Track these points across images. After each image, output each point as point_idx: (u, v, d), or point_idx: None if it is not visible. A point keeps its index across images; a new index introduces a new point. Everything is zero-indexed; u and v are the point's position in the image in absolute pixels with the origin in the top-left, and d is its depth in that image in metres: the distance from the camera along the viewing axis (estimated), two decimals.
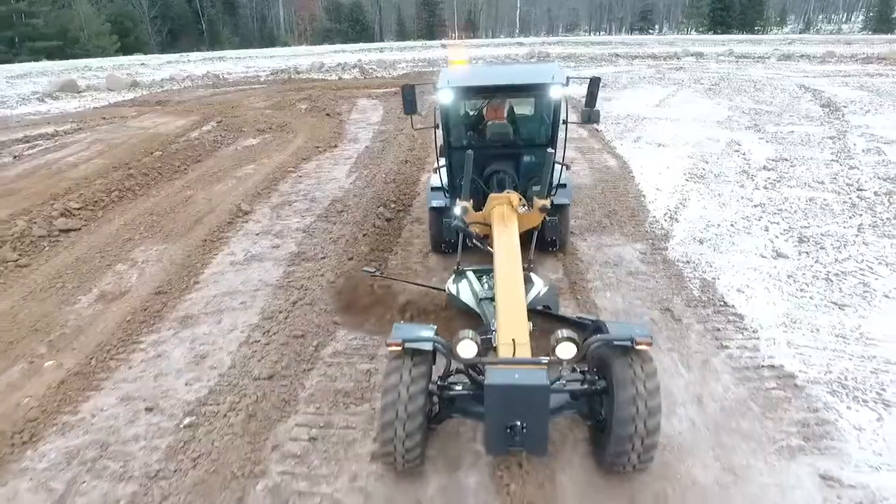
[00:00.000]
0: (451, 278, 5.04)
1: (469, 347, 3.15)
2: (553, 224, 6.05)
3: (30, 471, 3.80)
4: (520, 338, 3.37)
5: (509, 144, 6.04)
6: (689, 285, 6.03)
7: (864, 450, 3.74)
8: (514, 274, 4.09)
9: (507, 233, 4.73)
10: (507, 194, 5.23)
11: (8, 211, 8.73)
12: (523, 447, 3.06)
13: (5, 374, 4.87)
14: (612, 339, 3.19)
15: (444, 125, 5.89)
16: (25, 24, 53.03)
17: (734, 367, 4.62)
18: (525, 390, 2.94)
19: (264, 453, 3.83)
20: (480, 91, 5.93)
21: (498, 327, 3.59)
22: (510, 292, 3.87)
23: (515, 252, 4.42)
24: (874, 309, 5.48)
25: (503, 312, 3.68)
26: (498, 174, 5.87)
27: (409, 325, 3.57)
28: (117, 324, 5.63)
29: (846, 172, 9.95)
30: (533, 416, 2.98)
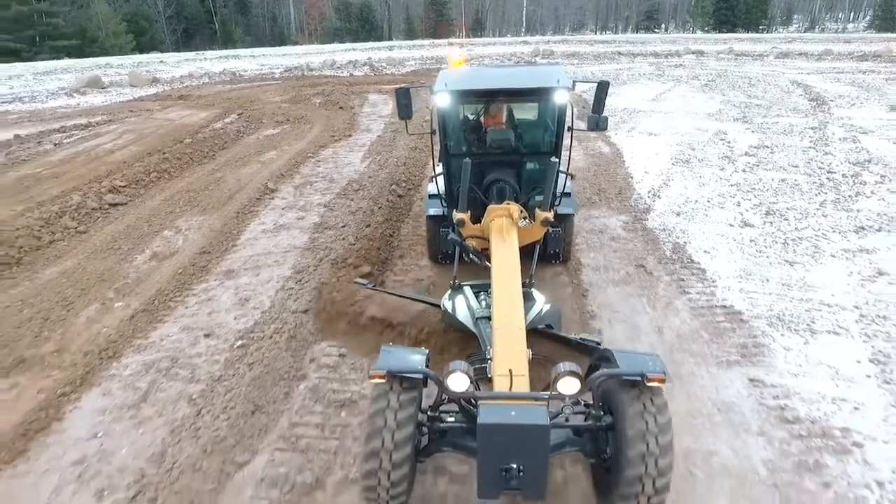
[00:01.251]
0: (447, 293, 4.64)
1: (460, 381, 2.85)
2: (556, 235, 5.69)
3: (117, 376, 4.73)
4: (517, 369, 3.06)
5: (510, 152, 5.60)
6: (663, 247, 6.88)
7: (788, 363, 4.59)
8: (513, 295, 3.74)
9: (505, 248, 4.34)
10: (507, 206, 4.82)
11: (60, 189, 9.72)
12: (519, 490, 2.75)
13: (84, 311, 5.81)
14: (620, 374, 2.86)
15: (442, 130, 5.46)
16: (46, 23, 54.36)
17: (692, 307, 5.48)
18: (522, 430, 2.64)
19: (304, 363, 4.74)
20: (480, 95, 5.49)
21: (494, 356, 3.26)
22: (508, 317, 3.52)
23: (514, 270, 4.05)
24: (819, 265, 6.31)
25: (500, 340, 3.35)
26: (498, 184, 5.40)
27: (399, 348, 3.25)
28: (171, 275, 6.57)
29: (820, 158, 10.73)
30: (530, 458, 2.68)
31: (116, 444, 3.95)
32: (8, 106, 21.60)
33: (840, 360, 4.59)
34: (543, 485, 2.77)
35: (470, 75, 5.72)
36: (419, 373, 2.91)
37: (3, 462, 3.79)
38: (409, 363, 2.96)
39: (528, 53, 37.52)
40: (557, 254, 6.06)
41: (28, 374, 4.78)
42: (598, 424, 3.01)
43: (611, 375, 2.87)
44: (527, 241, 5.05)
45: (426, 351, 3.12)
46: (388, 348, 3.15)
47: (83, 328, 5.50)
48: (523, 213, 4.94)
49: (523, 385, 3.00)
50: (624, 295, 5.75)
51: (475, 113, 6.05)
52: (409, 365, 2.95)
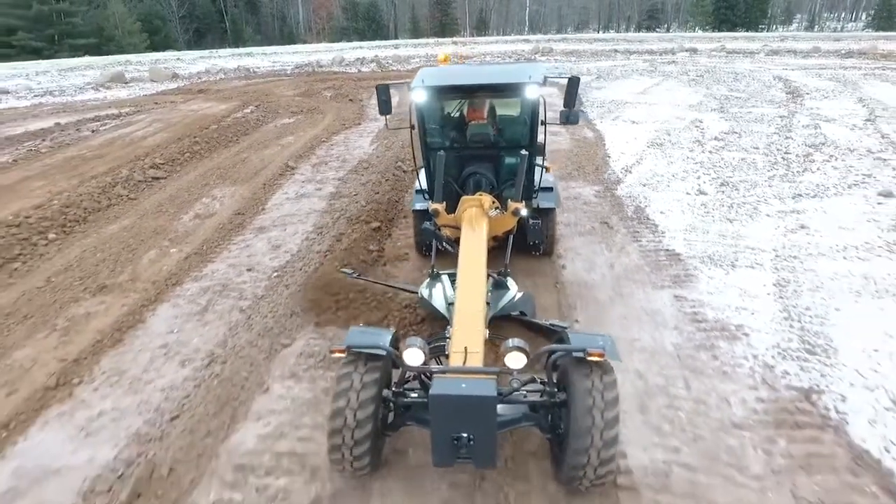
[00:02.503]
0: (425, 281, 4.88)
1: (415, 355, 2.99)
2: (536, 228, 5.69)
3: (182, 296, 5.97)
4: (472, 346, 3.19)
5: (489, 146, 5.72)
6: (626, 210, 8.06)
7: (707, 286, 5.78)
8: (476, 279, 3.92)
9: (473, 236, 4.48)
10: (479, 197, 5.00)
11: (107, 167, 10.99)
12: (471, 459, 2.92)
13: (146, 255, 7.06)
14: (562, 350, 3.05)
15: (421, 126, 5.56)
16: (66, 22, 55.80)
17: (640, 250, 6.67)
18: (471, 401, 2.78)
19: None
20: (455, 91, 5.59)
21: (452, 335, 3.40)
22: (469, 298, 3.69)
23: (480, 256, 4.21)
24: (754, 222, 7.48)
25: (459, 319, 3.49)
26: (475, 176, 5.57)
27: (366, 328, 3.46)
28: (214, 230, 7.81)
29: (781, 141, 11.85)
30: (480, 428, 2.84)
31: (189, 336, 5.18)
32: (41, 99, 22.95)
33: (749, 284, 5.77)
34: (493, 454, 2.92)
35: (447, 73, 5.84)
36: (379, 349, 3.08)
37: (107, 346, 5.04)
38: (370, 341, 3.14)
39: (529, 51, 38.58)
40: (538, 245, 6.10)
41: (111, 295, 6.03)
42: (552, 401, 3.16)
43: (553, 350, 3.08)
44: (498, 230, 5.29)
45: (393, 330, 3.31)
46: (356, 328, 3.38)
47: (148, 266, 6.75)
48: (495, 203, 5.11)
49: (477, 361, 3.12)
50: (587, 242, 6.95)
51: (455, 108, 6.14)
52: (370, 342, 3.12)
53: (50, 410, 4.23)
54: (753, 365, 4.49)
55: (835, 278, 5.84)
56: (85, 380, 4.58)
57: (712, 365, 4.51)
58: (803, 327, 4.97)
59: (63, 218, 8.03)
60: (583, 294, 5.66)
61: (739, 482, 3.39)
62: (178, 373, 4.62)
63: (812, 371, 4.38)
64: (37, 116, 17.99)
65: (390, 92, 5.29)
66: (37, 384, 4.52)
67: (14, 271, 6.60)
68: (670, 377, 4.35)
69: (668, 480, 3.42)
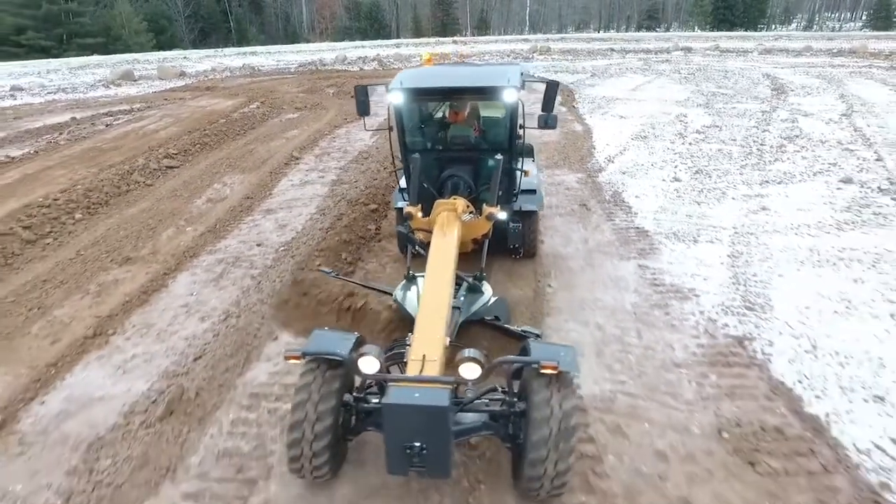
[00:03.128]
0: (401, 283, 4.76)
1: (370, 364, 2.95)
2: (515, 231, 5.65)
3: (199, 266, 6.62)
4: (431, 354, 3.13)
5: (469, 148, 5.63)
6: (604, 194, 8.69)
7: (669, 258, 6.40)
8: (440, 286, 3.81)
9: (443, 241, 4.35)
10: (453, 201, 4.85)
11: (123, 157, 11.66)
12: (424, 468, 2.88)
13: (164, 233, 7.71)
14: (515, 361, 3.05)
15: (399, 127, 5.48)
16: (74, 22, 56.58)
17: (613, 228, 7.30)
18: (423, 411, 2.75)
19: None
20: (431, 93, 5.51)
21: (412, 342, 3.33)
22: (431, 305, 3.60)
23: (447, 262, 4.08)
24: (720, 205, 8.10)
25: (420, 326, 3.42)
26: (452, 179, 5.41)
27: (329, 332, 3.38)
28: (225, 211, 8.47)
29: (758, 134, 12.46)
30: (433, 438, 2.80)
31: (206, 298, 5.84)
32: (54, 96, 23.65)
33: (707, 256, 6.40)
34: (447, 464, 2.88)
35: (425, 74, 5.72)
36: (333, 355, 3.05)
37: (135, 306, 5.70)
38: (329, 346, 3.11)
39: (527, 50, 39.18)
40: (518, 248, 6.02)
41: (135, 266, 6.69)
42: (511, 410, 3.14)
43: (506, 362, 3.03)
44: (472, 235, 5.09)
45: (356, 335, 3.27)
46: (319, 332, 3.32)
47: (167, 241, 7.41)
48: (469, 207, 4.97)
49: (434, 370, 3.06)
50: (566, 221, 7.58)
51: (435, 110, 6.11)
52: (328, 348, 3.10)
53: (90, 355, 4.89)
54: (699, 319, 5.12)
55: (784, 251, 6.46)
56: (118, 331, 5.24)
57: (663, 319, 5.14)
58: (747, 290, 5.60)
59: (87, 200, 8.70)
60: (558, 264, 6.29)
61: (672, 406, 4.03)
62: (199, 326, 5.28)
63: (748, 323, 5.01)
64: (52, 112, 18.69)
65: (368, 92, 5.21)
66: (77, 335, 5.18)
67: (47, 245, 7.27)
68: (625, 329, 4.99)
69: (613, 404, 4.05)
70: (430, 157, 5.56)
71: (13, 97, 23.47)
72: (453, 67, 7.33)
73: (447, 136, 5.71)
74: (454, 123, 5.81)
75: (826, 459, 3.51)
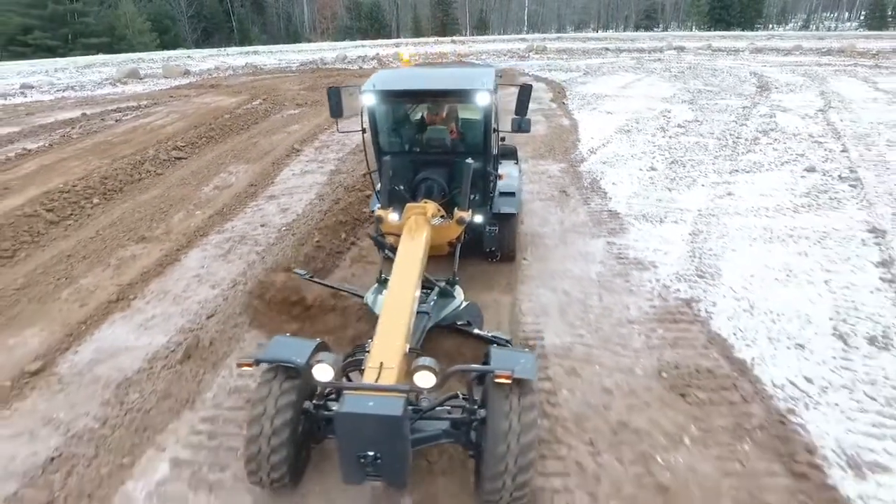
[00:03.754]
0: (373, 287, 4.75)
1: (324, 371, 2.90)
2: (491, 234, 5.68)
3: (208, 244, 7.23)
4: (388, 362, 3.08)
5: (445, 151, 5.47)
6: (583, 181, 9.28)
7: (635, 236, 7.00)
8: (404, 292, 3.72)
9: (410, 245, 4.25)
10: (424, 204, 4.71)
11: (133, 149, 12.24)
12: (380, 477, 2.85)
13: (175, 216, 8.32)
14: (470, 370, 3.05)
15: (373, 129, 5.41)
16: (79, 21, 57.10)
17: (588, 211, 7.90)
18: (377, 420, 2.70)
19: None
20: (404, 95, 5.45)
21: (371, 348, 3.27)
22: (393, 311, 3.53)
23: (413, 267, 3.99)
24: (689, 191, 8.69)
25: (380, 333, 3.34)
26: (426, 182, 5.27)
27: (290, 339, 3.36)
28: (231, 197, 9.07)
29: (736, 128, 13.03)
30: (388, 447, 2.76)
31: (216, 270, 6.44)
32: (63, 93, 24.24)
33: (669, 234, 7.00)
34: (403, 473, 2.85)
35: (399, 76, 5.74)
36: (287, 363, 3.04)
37: (152, 276, 6.31)
38: (285, 354, 3.09)
39: (523, 49, 39.73)
40: (494, 252, 5.97)
41: (151, 244, 7.29)
42: (472, 418, 3.08)
43: (460, 371, 3.01)
44: (442, 239, 5.00)
45: (317, 341, 3.25)
46: (278, 338, 3.32)
47: (178, 223, 8.01)
48: (440, 211, 4.82)
49: (391, 378, 3.00)
50: (546, 205, 8.17)
51: (411, 112, 6.09)
52: (284, 355, 3.08)
53: (114, 315, 5.50)
54: (654, 285, 5.72)
55: (740, 229, 7.06)
56: (138, 297, 5.85)
57: (623, 286, 5.74)
58: (701, 262, 6.20)
59: (103, 187, 9.30)
60: (535, 241, 6.89)
61: (621, 353, 4.63)
62: (210, 292, 5.89)
63: (697, 288, 5.61)
64: (62, 108, 19.28)
65: (341, 94, 5.14)
66: (101, 299, 5.79)
67: (69, 226, 7.88)
68: (588, 293, 5.59)
69: (571, 352, 4.66)
70: (404, 160, 5.47)
71: (24, 94, 24.07)
72: (428, 69, 7.27)
73: (423, 138, 5.56)
74: (432, 125, 5.67)
75: (746, 392, 4.11)
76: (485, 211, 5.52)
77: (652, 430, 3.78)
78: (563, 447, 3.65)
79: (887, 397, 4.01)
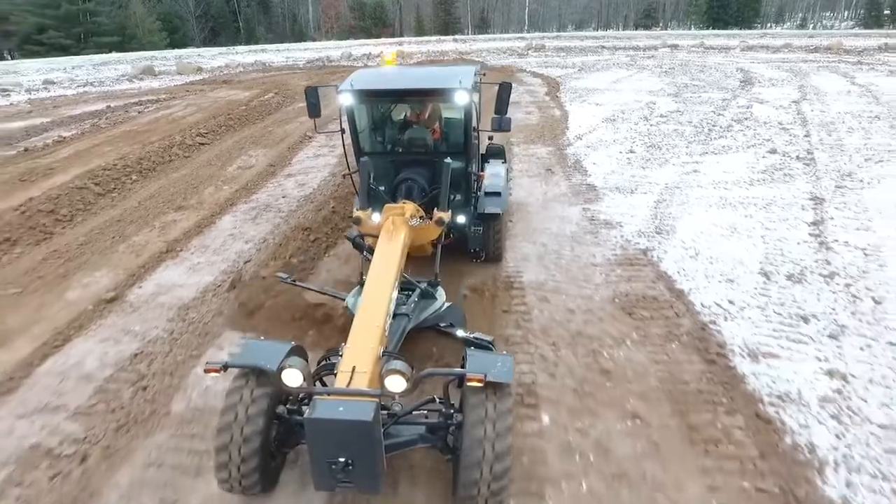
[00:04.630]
0: (354, 289, 4.64)
1: (293, 376, 2.81)
2: (476, 235, 5.60)
3: (238, 211, 8.26)
4: (361, 366, 2.98)
5: (427, 151, 5.40)
6: (568, 161, 10.28)
7: (607, 203, 7.99)
8: (380, 294, 3.63)
9: (388, 247, 4.15)
10: (402, 205, 4.61)
11: (159, 136, 13.28)
12: (352, 484, 2.76)
13: (206, 190, 9.35)
14: (441, 374, 3.03)
15: (352, 129, 5.34)
16: (91, 21, 58.22)
17: (569, 185, 8.90)
18: (347, 425, 2.62)
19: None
20: (382, 95, 5.38)
21: (344, 352, 3.16)
22: (367, 314, 3.43)
23: (390, 269, 3.89)
24: (661, 169, 9.68)
25: (353, 337, 3.25)
26: (406, 182, 5.14)
27: (262, 342, 3.26)
28: (253, 175, 10.10)
29: (713, 118, 13.99)
30: (359, 453, 2.67)
31: (247, 230, 7.47)
32: (83, 89, 25.31)
33: (637, 202, 8.00)
34: (376, 478, 2.76)
35: (377, 75, 5.70)
36: (256, 368, 2.93)
37: (194, 235, 7.34)
38: (255, 358, 2.97)
39: (522, 47, 40.65)
40: (479, 252, 5.88)
41: (187, 211, 8.33)
42: (449, 423, 3.03)
43: (432, 374, 2.98)
44: (423, 240, 4.87)
45: (291, 344, 3.13)
46: (250, 341, 3.23)
47: (209, 196, 9.05)
48: (419, 212, 4.70)
49: (363, 382, 2.91)
50: (532, 181, 9.17)
51: (389, 111, 6.03)
52: (254, 360, 2.96)
53: (166, 262, 6.54)
54: (619, 240, 6.73)
55: (699, 199, 8.06)
56: (184, 249, 6.89)
57: (592, 240, 6.75)
58: (661, 222, 7.21)
59: (139, 167, 10.35)
60: (520, 208, 7.89)
61: (585, 286, 5.63)
62: (244, 245, 6.92)
63: (654, 242, 6.61)
64: (86, 101, 20.34)
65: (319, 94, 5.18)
66: (153, 251, 6.83)
67: (114, 197, 8.93)
68: (563, 245, 6.60)
69: (544, 286, 5.66)
70: (384, 160, 5.44)
71: (46, 90, 25.15)
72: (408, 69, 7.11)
73: (404, 138, 5.51)
74: (414, 125, 5.62)
75: (679, 311, 5.12)
76: (468, 211, 5.49)
77: (602, 336, 4.79)
78: (532, 346, 4.67)
79: (791, 313, 5.01)
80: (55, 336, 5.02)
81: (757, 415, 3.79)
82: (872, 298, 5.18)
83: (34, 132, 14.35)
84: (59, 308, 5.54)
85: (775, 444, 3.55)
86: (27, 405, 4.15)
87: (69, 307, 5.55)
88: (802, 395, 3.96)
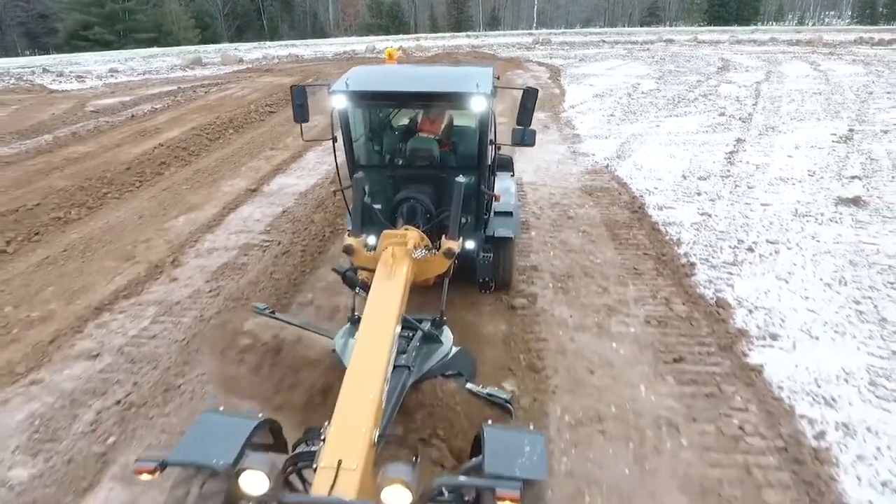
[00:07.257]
0: (344, 328, 3.69)
1: (255, 481, 1.94)
2: (485, 262, 4.83)
3: (317, 150, 10.99)
4: (350, 460, 2.08)
5: (431, 165, 4.59)
6: (560, 121, 12.91)
7: (587, 144, 10.64)
8: (376, 353, 2.71)
9: (386, 286, 3.27)
10: (405, 231, 3.77)
11: (234, 107, 16.08)
12: None
13: (287, 139, 12.10)
14: (460, 485, 2.14)
15: (346, 137, 4.52)
16: (131, 19, 61.33)
17: (560, 134, 11.57)
18: None
19: None
20: (383, 97, 4.54)
21: (326, 437, 2.22)
22: (360, 383, 2.52)
23: (389, 316, 3.01)
24: (631, 125, 12.28)
25: (340, 413, 2.34)
26: (408, 202, 4.30)
27: (221, 416, 2.35)
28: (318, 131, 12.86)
29: (684, 93, 16.49)
30: None
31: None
32: (144, 76, 28.18)
33: (608, 144, 10.63)
34: None
35: (378, 74, 5.01)
36: (204, 467, 2.07)
37: (291, 161, 10.10)
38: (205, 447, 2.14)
39: (529, 42, 43.04)
40: (488, 282, 5.03)
41: (279, 151, 11.08)
42: None
43: (448, 485, 2.14)
44: (427, 275, 3.95)
45: (258, 420, 2.32)
46: (206, 414, 2.40)
47: (291, 142, 11.79)
48: (424, 241, 3.87)
49: (352, 484, 2.01)
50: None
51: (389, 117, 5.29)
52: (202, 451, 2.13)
53: (278, 175, 9.36)
54: (591, 162, 9.40)
55: (654, 141, 10.68)
56: (288, 168, 9.76)
57: (572, 162, 9.42)
58: (623, 152, 9.85)
59: (231, 124, 13.18)
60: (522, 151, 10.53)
61: (563, 183, 8.32)
62: (330, 168, 9.67)
63: (614, 162, 9.28)
64: (154, 85, 23.20)
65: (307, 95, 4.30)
66: (266, 170, 9.65)
67: (221, 143, 11.75)
68: (550, 164, 9.27)
69: (536, 183, 8.35)
70: (382, 175, 4.68)
71: (113, 77, 28.07)
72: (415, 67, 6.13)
73: (407, 148, 4.71)
74: (419, 134, 4.78)
75: (622, 192, 7.80)
76: (478, 236, 4.71)
77: (570, 204, 7.47)
78: (527, 209, 7.36)
79: (690, 191, 7.71)
80: (228, 204, 7.84)
81: (653, 228, 6.49)
82: (747, 185, 7.83)
83: (129, 105, 17.21)
84: (222, 194, 8.35)
85: (660, 240, 6.25)
86: (231, 230, 6.95)
87: (227, 194, 8.35)
88: (682, 222, 6.66)
